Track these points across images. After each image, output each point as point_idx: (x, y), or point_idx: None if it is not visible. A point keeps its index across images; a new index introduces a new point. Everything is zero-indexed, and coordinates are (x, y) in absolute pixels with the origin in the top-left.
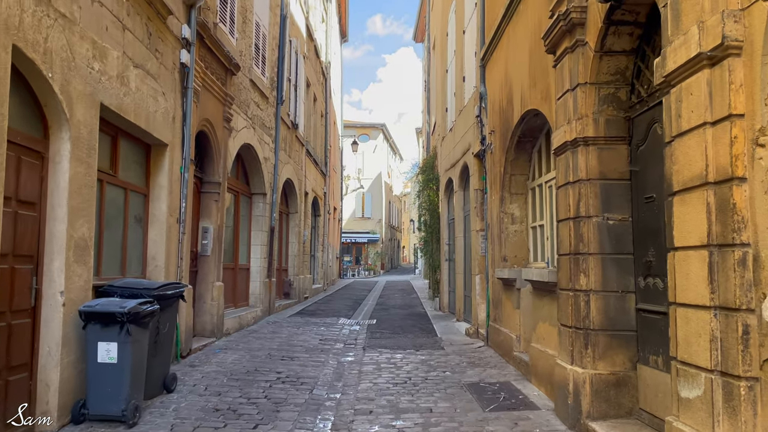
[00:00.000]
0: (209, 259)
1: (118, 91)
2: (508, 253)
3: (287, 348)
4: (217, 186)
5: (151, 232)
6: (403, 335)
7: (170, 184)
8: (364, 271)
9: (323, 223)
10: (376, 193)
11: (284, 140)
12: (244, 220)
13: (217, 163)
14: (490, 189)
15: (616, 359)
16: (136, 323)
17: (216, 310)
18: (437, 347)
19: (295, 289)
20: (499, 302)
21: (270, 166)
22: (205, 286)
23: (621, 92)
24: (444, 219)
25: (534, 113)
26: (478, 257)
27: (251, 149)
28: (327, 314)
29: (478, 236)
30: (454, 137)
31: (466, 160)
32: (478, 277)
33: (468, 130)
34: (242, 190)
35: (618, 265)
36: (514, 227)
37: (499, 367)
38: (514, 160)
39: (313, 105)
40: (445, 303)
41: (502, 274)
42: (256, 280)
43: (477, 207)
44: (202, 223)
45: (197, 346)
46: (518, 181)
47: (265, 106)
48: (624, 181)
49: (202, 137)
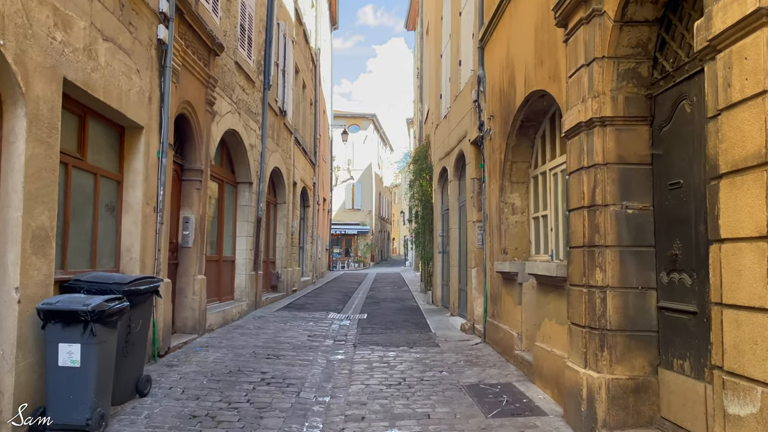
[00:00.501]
0: (191, 250)
1: (85, 66)
2: (508, 245)
3: (273, 345)
4: (199, 173)
5: (126, 221)
6: (395, 331)
7: (146, 169)
8: (354, 263)
9: (312, 214)
10: (366, 184)
11: (272, 127)
12: (229, 210)
13: (199, 149)
14: (489, 177)
15: (636, 363)
16: (101, 322)
17: (198, 305)
18: (432, 344)
19: (283, 282)
20: (498, 297)
21: (256, 153)
22: (186, 280)
23: (642, 67)
24: (437, 210)
25: (539, 95)
26: (475, 249)
27: (236, 135)
28: (316, 308)
29: (475, 227)
30: (449, 124)
31: (461, 148)
32: (474, 270)
33: (464, 116)
34: (227, 179)
35: (638, 258)
36: (514, 218)
37: (499, 367)
38: (516, 146)
39: (302, 92)
40: (439, 297)
41: (502, 267)
42: (242, 272)
43: (474, 197)
44: (183, 212)
45: (177, 344)
46: (519, 168)
47: (252, 91)
48: (645, 166)
49: (182, 121)
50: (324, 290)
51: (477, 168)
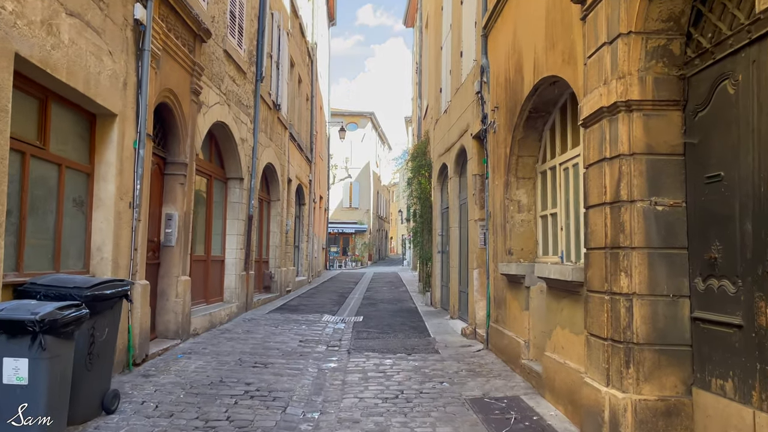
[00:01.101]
0: (173, 250)
1: (43, 42)
2: (514, 246)
3: (261, 352)
4: (183, 167)
5: (97, 218)
6: (392, 335)
7: (120, 161)
8: (352, 262)
9: (308, 213)
10: (364, 182)
11: (264, 121)
12: (218, 207)
13: (183, 142)
14: (493, 173)
15: (666, 381)
16: (53, 333)
17: (181, 308)
18: (431, 350)
19: (277, 283)
20: (502, 301)
21: (248, 148)
22: (169, 281)
23: (674, 44)
24: (437, 208)
25: (551, 81)
26: (477, 250)
27: (225, 128)
28: (310, 310)
29: (477, 226)
30: (449, 119)
31: (463, 143)
32: (476, 272)
33: (466, 109)
34: (216, 174)
35: (668, 262)
36: (520, 216)
37: (504, 377)
38: (523, 139)
39: (297, 87)
40: (437, 298)
41: (508, 269)
42: (232, 273)
43: (476, 194)
44: (165, 209)
45: (156, 351)
46: (526, 163)
47: (242, 82)
48: (676, 157)
49: (164, 111)
50: (319, 290)
51: (479, 164)
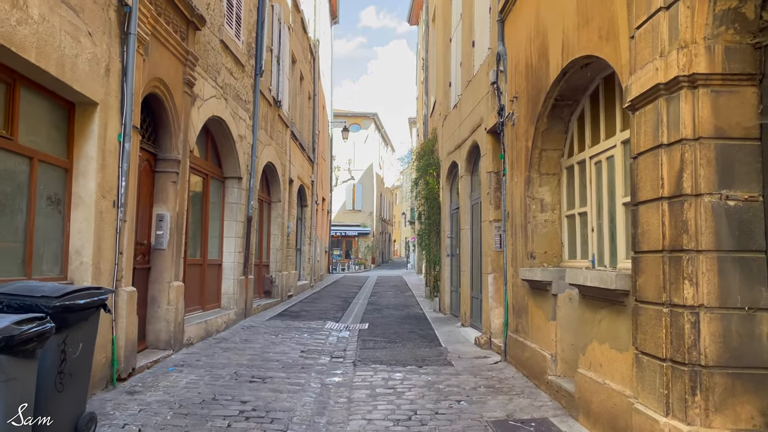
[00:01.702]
0: (165, 253)
1: (7, 17)
2: (536, 249)
3: (260, 364)
4: (175, 164)
5: (76, 218)
6: (400, 344)
7: (103, 155)
8: (355, 265)
9: (310, 214)
10: (367, 184)
11: (264, 118)
12: (215, 208)
13: (176, 137)
14: (511, 170)
15: (741, 412)
16: (9, 352)
17: (173, 316)
18: (444, 362)
19: (278, 287)
20: (523, 309)
21: (246, 145)
22: (160, 287)
23: (747, 6)
24: (446, 209)
25: (583, 63)
26: (492, 253)
27: (222, 124)
28: (312, 316)
29: (492, 228)
30: (459, 114)
31: (475, 139)
32: (491, 277)
33: (479, 102)
34: (213, 173)
35: (743, 268)
36: (543, 216)
37: (528, 395)
38: (547, 131)
39: (299, 84)
40: (447, 304)
41: (531, 274)
42: (230, 277)
43: (491, 193)
44: (156, 209)
45: (145, 363)
46: (550, 158)
47: (241, 75)
48: (751, 142)
49: (154, 103)
50: (322, 295)
51: (494, 160)
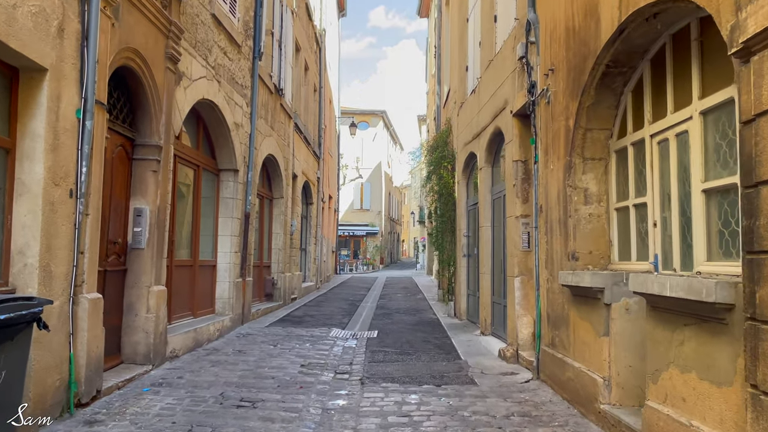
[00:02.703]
0: (144, 253)
1: None
2: (580, 248)
3: (252, 382)
4: (155, 151)
5: (19, 210)
6: (414, 356)
7: (54, 134)
8: (363, 265)
9: (316, 213)
10: (375, 183)
11: (264, 106)
12: (209, 204)
13: (156, 119)
14: (545, 156)
15: None
16: None
17: (153, 326)
18: (466, 379)
19: (280, 290)
20: (562, 320)
21: (243, 135)
22: (138, 292)
23: None
24: (461, 205)
25: (650, 14)
26: (518, 253)
27: (215, 109)
28: (316, 322)
29: (518, 224)
30: (478, 100)
31: (498, 125)
32: (517, 281)
33: (503, 83)
34: (206, 164)
35: None
36: (587, 209)
37: (574, 427)
38: (593, 106)
39: (304, 74)
40: (463, 309)
41: (575, 279)
42: (225, 280)
43: (517, 185)
44: (133, 202)
45: (115, 383)
46: (596, 139)
47: (236, 57)
48: None
49: (131, 79)
50: (328, 298)
51: (522, 147)
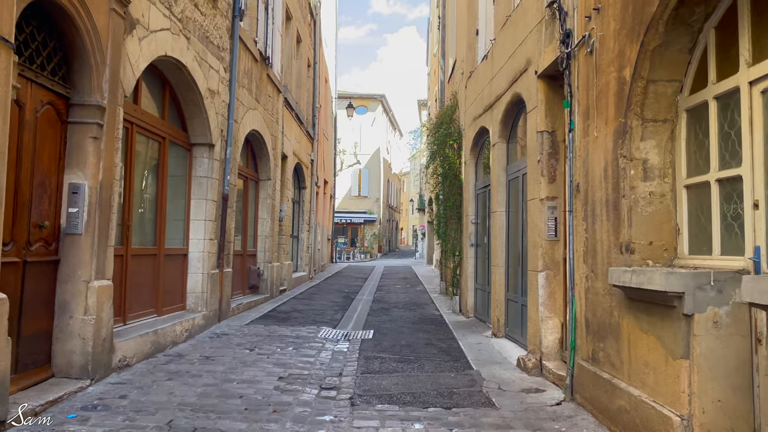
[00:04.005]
0: (81, 240)
1: None
2: (636, 237)
3: (213, 403)
4: (97, 112)
5: None
6: (416, 365)
7: None
8: (360, 254)
9: (310, 197)
10: (374, 169)
11: (247, 75)
12: (178, 183)
13: (97, 73)
14: (585, 120)
15: None
16: None
17: (93, 330)
18: (481, 399)
19: (266, 281)
20: (610, 330)
21: (221, 105)
22: (73, 289)
23: None
24: (469, 188)
25: None
26: (543, 243)
27: (183, 71)
28: (305, 319)
29: (544, 209)
30: (491, 66)
31: (517, 91)
32: (541, 276)
33: (524, 39)
34: (173, 137)
35: None
36: (647, 186)
37: None
38: (660, 48)
39: (296, 47)
40: (470, 305)
41: (639, 279)
42: (198, 271)
43: (542, 161)
44: (68, 177)
45: (32, 407)
46: (661, 94)
47: (211, 12)
48: None
49: (63, 21)
50: (321, 289)
51: (549, 115)
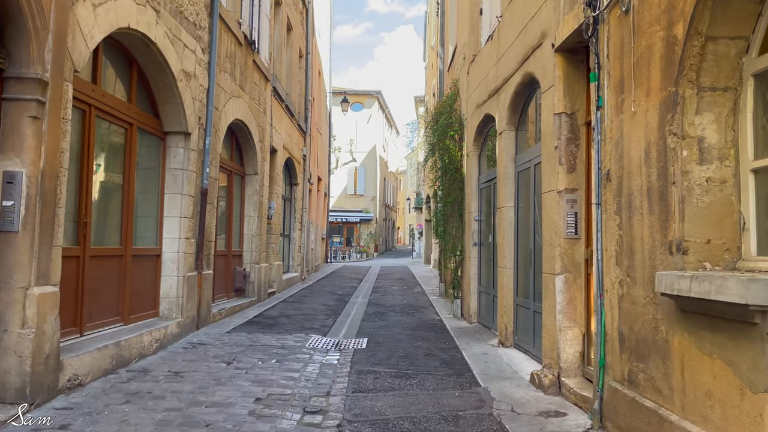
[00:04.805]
0: (16, 239)
1: None
2: (690, 234)
3: None
4: (37, 87)
5: None
6: (415, 380)
7: None
8: (356, 253)
9: (302, 195)
10: (370, 167)
11: (230, 59)
12: (149, 176)
13: (38, 41)
14: (619, 94)
15: None
16: None
17: (33, 347)
18: (491, 425)
19: (254, 284)
20: (656, 348)
21: (198, 90)
22: (7, 297)
23: None
24: (472, 182)
25: None
26: (561, 242)
27: (151, 48)
28: (292, 326)
29: (562, 202)
30: (498, 45)
31: (530, 70)
32: (560, 279)
33: (539, 10)
34: (143, 123)
35: None
36: (704, 171)
37: None
38: None
39: (286, 35)
40: (472, 309)
41: (704, 287)
42: (173, 274)
43: (561, 147)
44: (1, 163)
45: None
46: (722, 55)
47: None
48: None
49: None
50: (313, 291)
51: (569, 93)
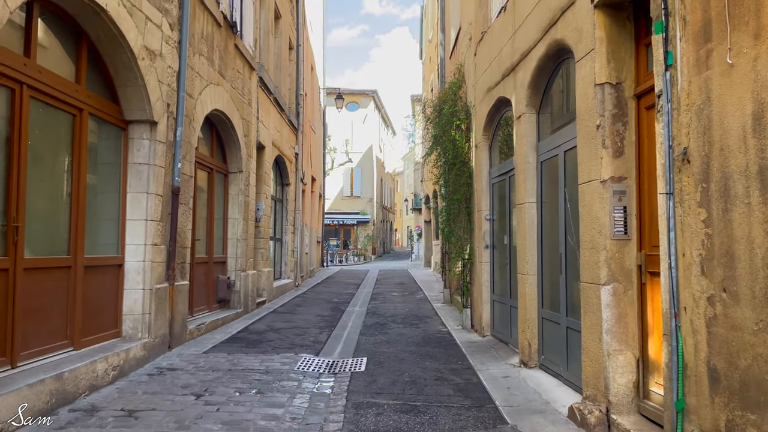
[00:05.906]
0: None
1: None
2: None
3: None
4: None
5: None
6: (426, 416)
7: None
8: (354, 256)
9: (295, 196)
10: (366, 168)
11: (207, 40)
12: (109, 172)
13: None
14: (696, 47)
15: None
16: None
17: None
18: None
19: (239, 293)
20: None
21: (166, 72)
22: None
23: None
24: (482, 177)
25: None
26: (608, 244)
27: (102, 18)
28: (281, 343)
29: (607, 193)
30: (513, 18)
31: (558, 37)
32: (607, 291)
33: None
34: (95, 108)
35: None
36: None
37: None
38: None
39: (273, 23)
40: (485, 320)
41: None
42: (137, 286)
43: (604, 125)
44: None
45: None
46: None
47: None
48: None
49: None
50: (307, 300)
51: (614, 59)
